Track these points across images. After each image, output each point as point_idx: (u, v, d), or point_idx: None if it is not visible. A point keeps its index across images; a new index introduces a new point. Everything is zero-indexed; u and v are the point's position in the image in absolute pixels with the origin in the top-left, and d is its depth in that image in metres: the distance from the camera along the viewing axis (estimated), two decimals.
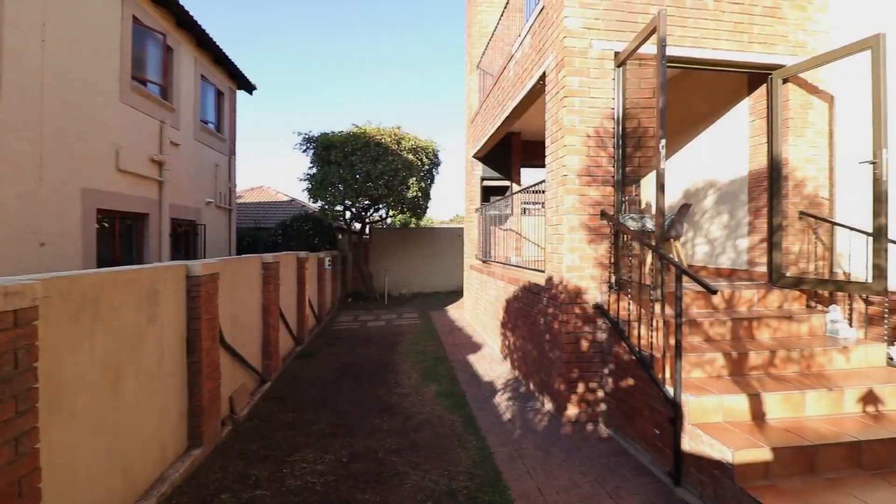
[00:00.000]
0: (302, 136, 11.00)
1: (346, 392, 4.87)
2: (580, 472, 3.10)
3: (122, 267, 2.77)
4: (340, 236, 13.95)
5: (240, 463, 3.30)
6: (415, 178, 10.86)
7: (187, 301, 3.35)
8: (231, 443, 3.64)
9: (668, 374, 3.10)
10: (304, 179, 11.05)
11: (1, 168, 4.58)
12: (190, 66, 8.81)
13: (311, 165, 10.90)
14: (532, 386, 4.75)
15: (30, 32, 4.92)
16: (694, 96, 5.66)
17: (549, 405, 4.25)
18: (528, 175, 9.65)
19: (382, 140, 10.38)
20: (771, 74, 4.33)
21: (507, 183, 9.33)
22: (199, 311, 3.37)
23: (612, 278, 3.95)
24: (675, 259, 4.68)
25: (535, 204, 8.45)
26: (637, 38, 3.64)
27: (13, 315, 1.72)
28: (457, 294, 13.09)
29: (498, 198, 8.99)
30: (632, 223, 3.95)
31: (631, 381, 3.46)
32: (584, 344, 3.93)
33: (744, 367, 3.30)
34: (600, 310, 3.91)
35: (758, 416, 2.89)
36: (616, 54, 4.00)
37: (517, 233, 7.82)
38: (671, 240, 4.67)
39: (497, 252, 7.54)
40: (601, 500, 2.74)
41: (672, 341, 2.98)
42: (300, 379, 5.35)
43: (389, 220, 20.18)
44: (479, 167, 9.09)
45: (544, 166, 4.50)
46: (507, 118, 6.14)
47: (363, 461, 3.31)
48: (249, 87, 11.58)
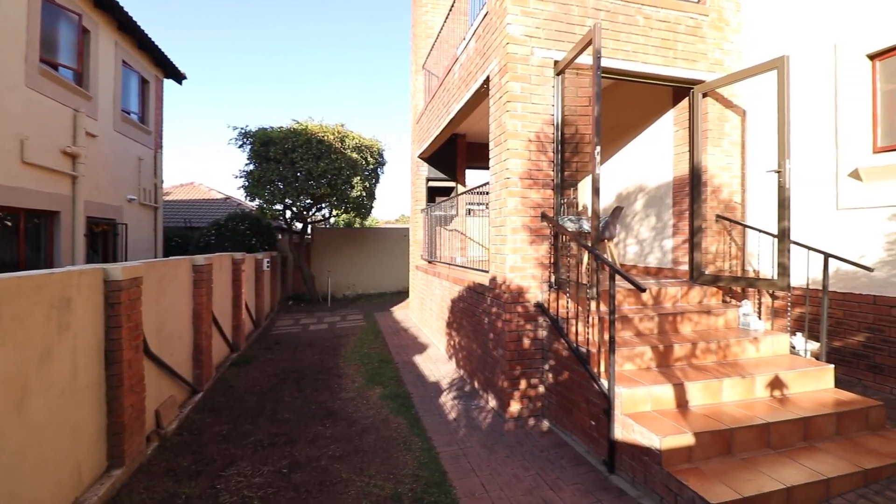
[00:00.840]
0: (238, 130, 10.43)
1: (286, 399, 4.68)
2: (522, 466, 3.19)
3: (29, 272, 2.47)
4: (280, 236, 13.39)
5: (167, 481, 3.07)
6: (359, 178, 10.65)
7: (106, 308, 3.06)
8: (158, 460, 3.37)
9: (602, 368, 3.27)
10: (241, 176, 10.48)
11: None
12: (110, 50, 8.07)
13: (248, 162, 10.36)
14: (477, 384, 4.83)
15: None
16: (626, 106, 6.02)
17: (493, 402, 4.34)
18: (473, 176, 9.80)
19: (325, 137, 10.08)
20: (692, 88, 4.71)
21: (453, 184, 9.41)
22: (119, 318, 3.09)
23: (552, 278, 4.11)
24: (609, 259, 4.96)
25: (479, 205, 8.60)
26: (575, 48, 3.81)
27: None
28: (403, 295, 13.01)
29: (443, 198, 9.06)
30: (570, 225, 4.13)
31: (569, 376, 3.62)
32: (526, 342, 4.05)
33: (669, 358, 3.56)
34: (541, 308, 4.05)
35: (682, 404, 3.12)
36: (556, 63, 4.16)
37: (462, 233, 7.92)
38: (605, 241, 4.94)
39: (442, 252, 7.59)
40: (542, 492, 2.84)
41: (606, 337, 3.15)
42: (236, 388, 5.07)
43: (333, 220, 19.68)
44: (425, 167, 9.10)
45: (489, 168, 4.59)
46: (452, 120, 6.20)
47: (305, 470, 3.20)
48: (178, 76, 10.81)
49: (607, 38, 4.31)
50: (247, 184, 10.28)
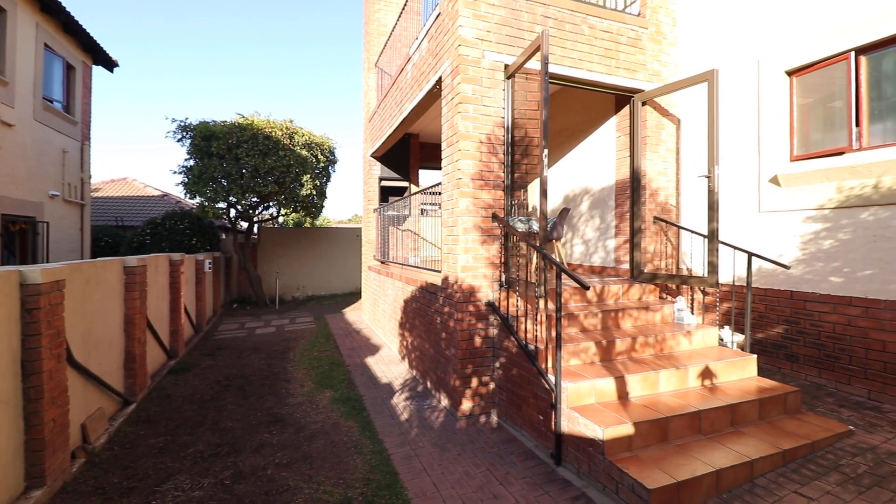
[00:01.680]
0: (177, 123, 9.81)
1: (229, 407, 4.46)
2: (474, 463, 3.23)
3: None
4: (224, 236, 12.76)
5: (95, 500, 2.84)
6: (309, 176, 10.34)
7: (22, 315, 2.78)
8: (85, 478, 3.11)
9: (550, 364, 3.38)
10: (180, 172, 9.87)
11: None
12: (30, 32, 7.35)
13: (189, 157, 9.76)
14: (429, 384, 4.83)
15: None
16: (573, 111, 6.25)
17: (445, 402, 4.36)
18: (427, 176, 9.80)
19: (273, 133, 9.70)
20: (633, 97, 4.97)
21: (406, 184, 9.37)
22: (38, 326, 2.82)
23: (503, 277, 4.19)
24: (557, 258, 5.13)
25: (432, 205, 8.61)
26: (524, 53, 3.91)
27: None
28: (355, 296, 12.79)
29: (396, 198, 9.00)
30: (520, 225, 4.23)
31: (519, 373, 3.70)
32: (478, 340, 4.10)
33: (612, 353, 3.73)
34: (492, 307, 4.12)
35: (623, 395, 3.29)
36: (506, 66, 4.25)
37: (415, 233, 7.89)
38: (554, 241, 5.11)
39: (396, 253, 7.53)
40: (492, 488, 2.89)
41: (554, 334, 3.26)
42: (174, 397, 4.77)
43: (282, 220, 19.01)
44: (378, 167, 9.00)
45: (442, 168, 4.61)
46: (405, 119, 6.17)
47: (249, 481, 3.06)
48: (109, 63, 10.04)
49: (555, 45, 4.46)
50: (186, 180, 9.70)
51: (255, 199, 10.69)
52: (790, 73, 4.37)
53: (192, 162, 9.75)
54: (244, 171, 9.55)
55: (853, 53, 3.89)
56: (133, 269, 4.62)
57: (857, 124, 3.89)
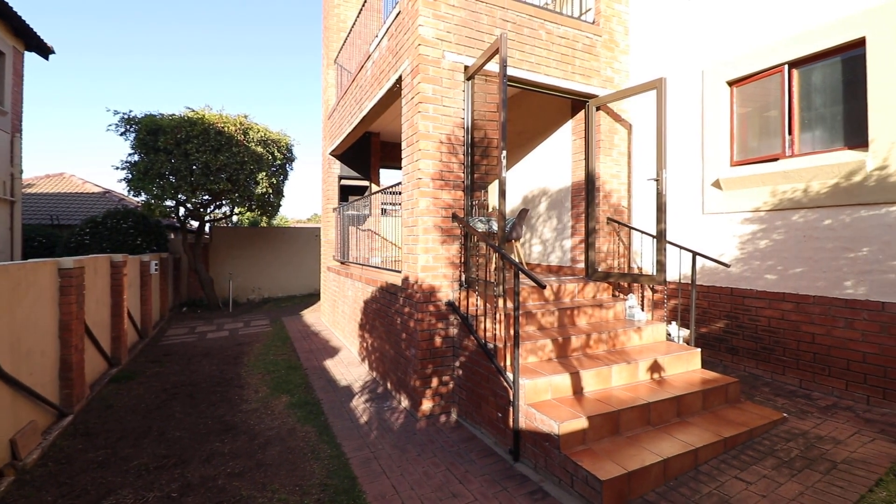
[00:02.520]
0: (120, 115, 9.22)
1: (177, 416, 4.24)
2: (433, 463, 3.23)
3: None
4: (173, 236, 12.13)
5: None
6: (264, 173, 10.00)
7: None
8: (14, 497, 2.86)
9: (508, 362, 3.43)
10: (123, 168, 9.29)
11: None
12: None
13: (133, 152, 9.21)
14: (390, 385, 4.79)
15: None
16: (532, 114, 6.39)
17: (405, 402, 4.33)
18: (388, 176, 9.73)
19: (226, 129, 9.30)
20: (588, 102, 5.14)
21: (367, 183, 9.25)
22: None
23: (463, 277, 4.21)
24: (516, 258, 5.22)
25: (394, 205, 8.54)
26: (483, 55, 3.95)
27: None
28: (314, 297, 12.49)
29: (357, 197, 8.86)
30: (480, 225, 4.27)
31: (478, 371, 3.74)
32: (438, 340, 4.11)
33: (567, 349, 3.84)
34: (452, 307, 4.14)
35: (578, 390, 3.39)
36: (466, 68, 4.28)
37: (376, 233, 7.80)
38: (513, 241, 5.19)
39: (356, 253, 7.41)
40: (451, 487, 2.90)
41: (512, 332, 3.31)
42: (116, 407, 4.48)
43: (236, 219, 18.30)
44: (337, 165, 8.82)
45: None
46: (364, 117, 6.09)
47: (199, 492, 2.92)
48: (44, 50, 9.30)
49: (514, 48, 4.53)
50: (130, 176, 9.14)
51: (206, 197, 10.24)
52: (731, 84, 4.66)
53: (136, 157, 9.20)
54: (194, 167, 9.12)
55: (787, 66, 4.19)
56: (69, 272, 4.30)
57: (790, 132, 4.20)
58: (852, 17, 3.72)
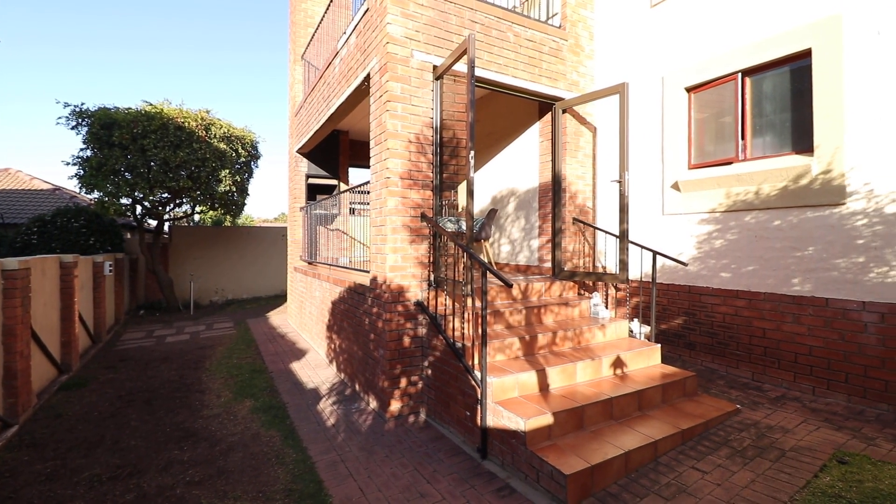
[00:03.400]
0: (71, 108, 8.71)
1: (133, 424, 4.04)
2: (401, 463, 3.21)
3: None
4: (129, 235, 11.58)
5: None
6: (228, 171, 9.67)
7: None
8: None
9: (476, 361, 3.45)
10: (74, 164, 8.78)
11: None
12: None
13: (85, 147, 8.71)
14: (358, 387, 4.73)
15: None
16: (501, 115, 6.45)
17: (374, 403, 4.29)
18: (357, 175, 9.60)
19: (186, 124, 8.94)
20: (554, 104, 5.23)
21: (335, 182, 9.10)
22: None
23: (432, 276, 4.21)
24: (485, 258, 5.26)
25: (363, 204, 8.44)
26: (452, 55, 3.96)
27: None
28: (281, 299, 12.19)
29: (325, 197, 8.70)
30: (450, 225, 4.28)
31: (447, 370, 3.74)
32: (407, 340, 4.09)
33: (534, 347, 3.90)
34: (421, 306, 4.13)
35: (544, 387, 3.44)
36: (435, 67, 4.28)
37: (345, 233, 7.69)
38: (482, 241, 5.23)
39: (324, 253, 7.28)
40: (419, 486, 2.89)
41: (480, 331, 3.33)
42: (66, 416, 4.23)
43: (198, 218, 17.64)
44: (305, 163, 8.64)
45: None
46: (332, 115, 5.99)
47: (155, 503, 2.79)
48: None
49: (482, 49, 4.57)
50: (82, 173, 8.65)
51: (165, 195, 9.82)
52: (689, 90, 4.85)
53: (89, 152, 8.71)
54: (152, 164, 8.71)
55: (740, 74, 4.40)
56: (13, 273, 4.04)
57: (743, 138, 4.41)
58: (800, 28, 3.95)
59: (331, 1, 6.23)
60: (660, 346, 4.18)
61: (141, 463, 3.32)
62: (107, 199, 8.73)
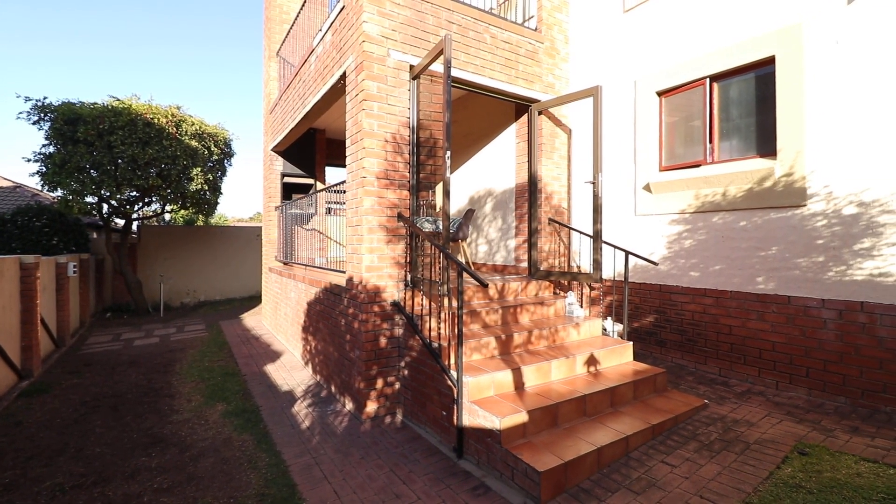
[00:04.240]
0: (32, 102, 8.33)
1: (98, 431, 3.90)
2: (377, 465, 3.19)
3: None
4: (95, 235, 11.16)
5: None
6: (200, 169, 9.42)
7: None
8: None
9: (453, 361, 3.46)
10: (36, 160, 8.41)
11: None
12: None
13: (48, 143, 8.35)
14: (334, 388, 4.68)
15: None
16: (478, 116, 6.48)
17: (350, 405, 4.25)
18: (334, 174, 9.49)
19: (155, 120, 8.66)
20: (531, 106, 5.29)
21: (312, 181, 8.98)
22: None
23: (408, 276, 4.20)
24: (462, 258, 5.28)
25: (339, 204, 8.35)
26: (429, 55, 3.96)
27: None
28: (255, 300, 11.95)
29: (301, 196, 8.57)
30: (428, 225, 4.28)
31: (424, 371, 3.74)
32: (383, 341, 4.07)
33: (510, 346, 3.93)
34: (397, 307, 4.11)
35: (519, 386, 3.48)
36: (412, 67, 4.27)
37: (321, 233, 7.59)
38: (459, 241, 5.24)
39: (300, 253, 7.17)
40: (395, 487, 2.88)
41: (457, 331, 3.34)
42: (26, 424, 4.05)
43: (169, 217, 17.13)
44: (280, 162, 8.49)
45: None
46: (308, 113, 5.90)
47: None
48: None
49: (459, 50, 4.58)
50: (45, 169, 8.29)
51: (133, 193, 9.50)
52: (660, 94, 4.97)
53: (52, 148, 8.36)
54: (120, 161, 8.42)
55: (708, 80, 4.54)
56: None
57: (711, 141, 4.55)
58: (765, 36, 4.10)
59: None
60: (632, 343, 4.28)
61: (106, 471, 3.21)
62: (71, 197, 8.39)
